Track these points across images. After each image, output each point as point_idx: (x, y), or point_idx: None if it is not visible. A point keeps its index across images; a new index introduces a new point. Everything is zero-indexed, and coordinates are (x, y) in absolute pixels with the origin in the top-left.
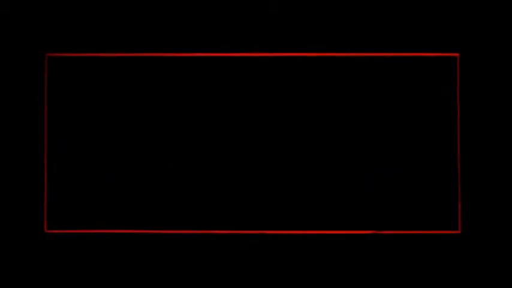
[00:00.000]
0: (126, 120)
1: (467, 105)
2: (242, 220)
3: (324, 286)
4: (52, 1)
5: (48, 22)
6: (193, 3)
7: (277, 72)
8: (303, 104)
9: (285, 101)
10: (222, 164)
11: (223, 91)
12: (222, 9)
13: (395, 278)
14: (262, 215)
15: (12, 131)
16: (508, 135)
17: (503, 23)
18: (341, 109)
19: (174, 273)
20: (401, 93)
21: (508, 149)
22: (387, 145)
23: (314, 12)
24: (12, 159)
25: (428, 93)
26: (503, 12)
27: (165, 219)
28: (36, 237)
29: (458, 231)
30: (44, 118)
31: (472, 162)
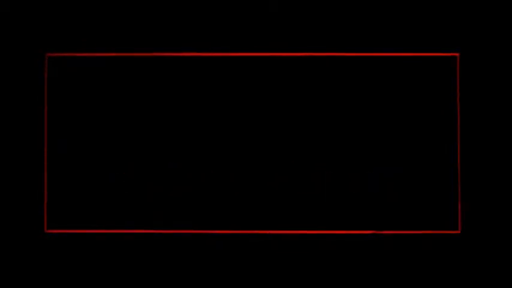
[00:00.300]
0: (126, 120)
1: (467, 105)
2: (242, 220)
3: (324, 286)
4: (52, 1)
5: (48, 22)
6: (193, 3)
7: (277, 72)
8: (303, 104)
9: (285, 101)
10: (222, 164)
11: (223, 91)
12: (222, 9)
13: (396, 278)
14: (262, 215)
15: (12, 131)
16: (508, 135)
17: (503, 23)
18: (341, 109)
19: (174, 273)
20: (402, 93)
21: (508, 149)
22: (387, 145)
23: (314, 12)
24: (12, 159)
25: (428, 93)
26: (503, 12)
27: (165, 219)
28: (36, 237)
29: (458, 231)
30: (44, 118)
31: (472, 162)
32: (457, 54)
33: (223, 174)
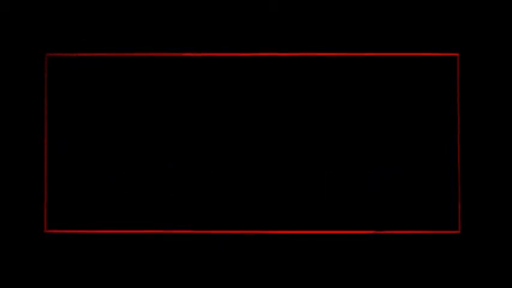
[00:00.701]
0: (126, 120)
1: (467, 105)
2: (242, 220)
3: (324, 286)
4: (52, 1)
5: (48, 22)
6: (194, 3)
7: (277, 72)
8: (303, 104)
9: (285, 101)
10: (222, 164)
11: (224, 91)
12: (222, 9)
13: (396, 278)
14: (262, 215)
15: (12, 131)
16: (508, 135)
17: (503, 23)
18: (341, 109)
19: (174, 273)
20: (402, 93)
21: (508, 149)
22: (387, 145)
23: (314, 12)
24: (12, 159)
25: (428, 93)
26: (503, 12)
27: (165, 219)
28: (36, 237)
29: (458, 231)
30: (44, 118)
31: (472, 162)
32: (457, 54)
33: (223, 174)
